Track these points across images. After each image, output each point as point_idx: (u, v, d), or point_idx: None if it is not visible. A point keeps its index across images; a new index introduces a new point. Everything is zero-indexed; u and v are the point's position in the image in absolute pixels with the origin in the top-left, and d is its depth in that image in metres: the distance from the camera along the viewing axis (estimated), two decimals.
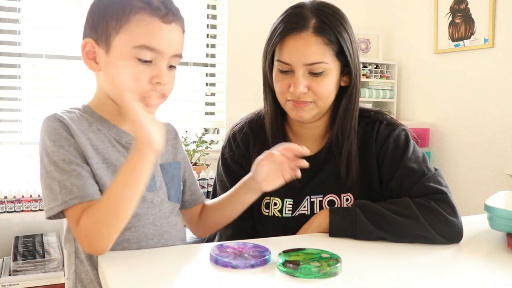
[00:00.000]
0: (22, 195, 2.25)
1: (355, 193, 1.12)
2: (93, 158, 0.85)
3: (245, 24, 2.90)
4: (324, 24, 1.03)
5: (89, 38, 0.87)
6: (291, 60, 1.04)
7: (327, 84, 1.05)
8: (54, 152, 0.82)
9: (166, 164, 0.99)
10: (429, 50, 2.96)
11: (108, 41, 0.84)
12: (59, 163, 0.81)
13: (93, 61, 0.87)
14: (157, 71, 0.85)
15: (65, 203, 0.80)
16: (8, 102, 2.49)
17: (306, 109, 1.07)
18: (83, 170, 0.82)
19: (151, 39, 0.83)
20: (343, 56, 1.06)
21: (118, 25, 0.83)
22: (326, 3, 1.08)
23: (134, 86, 0.84)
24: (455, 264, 0.89)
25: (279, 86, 1.08)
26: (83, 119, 0.89)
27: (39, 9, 2.51)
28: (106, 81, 0.88)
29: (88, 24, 0.88)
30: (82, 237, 0.78)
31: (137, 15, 0.83)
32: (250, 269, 0.78)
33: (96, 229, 0.77)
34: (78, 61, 2.58)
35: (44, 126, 0.85)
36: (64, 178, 0.81)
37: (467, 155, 2.74)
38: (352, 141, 1.11)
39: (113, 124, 0.91)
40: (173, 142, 1.04)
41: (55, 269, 2.21)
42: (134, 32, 0.83)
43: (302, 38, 1.03)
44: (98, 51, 0.86)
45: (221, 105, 2.98)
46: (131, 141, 0.92)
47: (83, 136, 0.85)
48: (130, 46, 0.83)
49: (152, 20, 0.83)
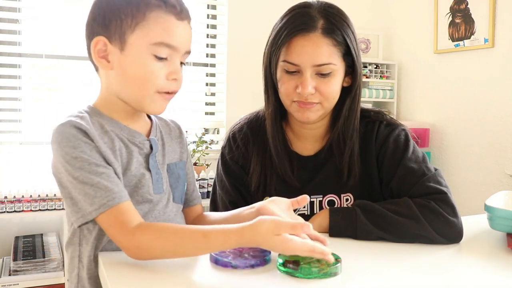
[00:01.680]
0: (22, 195, 2.24)
1: (355, 193, 1.12)
2: (114, 161, 0.84)
3: (245, 24, 2.90)
4: (332, 25, 1.02)
5: (101, 36, 0.84)
6: (299, 61, 1.02)
7: (334, 84, 1.05)
8: (77, 158, 0.79)
9: (172, 164, 0.98)
10: (429, 50, 2.96)
11: (123, 39, 0.83)
12: (85, 168, 0.79)
13: (105, 59, 0.85)
14: (173, 68, 0.85)
15: (104, 205, 0.78)
16: (8, 102, 2.49)
17: (313, 110, 1.06)
18: (111, 172, 0.81)
19: (169, 36, 0.83)
20: (349, 56, 1.06)
21: (134, 22, 0.82)
22: (330, 3, 1.07)
23: (153, 82, 0.84)
24: (455, 264, 0.89)
25: (285, 87, 1.06)
26: (95, 122, 0.86)
27: (39, 9, 2.51)
28: (118, 80, 0.86)
29: (97, 22, 0.85)
30: (134, 248, 0.78)
31: (153, 12, 0.83)
32: (250, 269, 0.78)
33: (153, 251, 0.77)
34: (78, 61, 2.59)
35: (59, 134, 0.81)
36: (96, 181, 0.79)
37: (467, 155, 2.74)
38: (355, 141, 1.11)
39: (124, 125, 0.90)
40: (179, 141, 1.03)
41: (55, 269, 2.21)
42: (151, 29, 0.82)
43: (311, 38, 1.01)
44: (111, 49, 0.84)
45: (221, 105, 2.98)
46: (144, 140, 0.91)
47: (101, 140, 0.83)
48: (147, 43, 0.83)
49: (168, 17, 0.83)
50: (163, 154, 0.96)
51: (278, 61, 1.06)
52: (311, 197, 1.13)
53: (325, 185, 1.13)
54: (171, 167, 0.97)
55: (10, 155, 2.43)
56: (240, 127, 1.20)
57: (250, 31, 2.83)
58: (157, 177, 0.92)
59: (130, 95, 0.87)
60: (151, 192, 0.90)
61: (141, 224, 0.79)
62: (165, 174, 0.95)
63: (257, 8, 2.90)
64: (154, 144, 0.93)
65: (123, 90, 0.87)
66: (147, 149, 0.92)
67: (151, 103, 0.87)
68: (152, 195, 0.90)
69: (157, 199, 0.91)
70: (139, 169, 0.89)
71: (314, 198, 1.13)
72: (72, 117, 0.84)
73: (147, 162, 0.91)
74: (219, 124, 2.99)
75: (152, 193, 0.90)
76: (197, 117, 2.96)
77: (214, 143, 2.77)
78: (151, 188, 0.90)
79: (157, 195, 0.91)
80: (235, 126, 1.21)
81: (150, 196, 0.89)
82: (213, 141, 2.75)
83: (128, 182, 0.87)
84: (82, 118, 0.84)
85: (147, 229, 0.78)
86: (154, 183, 0.91)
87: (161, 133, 0.98)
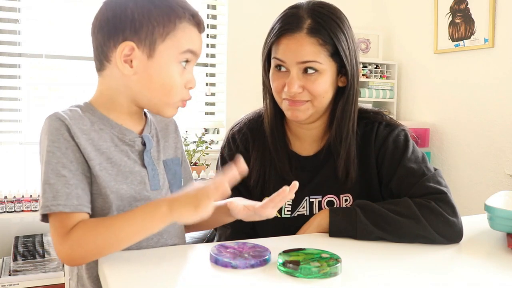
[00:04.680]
0: (22, 195, 2.24)
1: (354, 194, 1.12)
2: (95, 159, 0.84)
3: (245, 24, 2.90)
4: (319, 25, 1.03)
5: (130, 42, 0.84)
6: (285, 58, 1.05)
7: (321, 83, 1.05)
8: (49, 153, 0.82)
9: (169, 160, 0.98)
10: (429, 50, 2.96)
11: (153, 46, 0.85)
12: (53, 164, 0.81)
13: (128, 64, 0.86)
14: (190, 77, 0.91)
15: (47, 208, 0.80)
16: (8, 102, 2.49)
17: (302, 108, 1.07)
18: (73, 178, 0.81)
19: (193, 44, 0.89)
20: (339, 57, 1.06)
21: (165, 32, 0.85)
22: (323, 3, 1.08)
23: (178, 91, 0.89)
24: (455, 264, 0.89)
25: (275, 85, 1.09)
26: (85, 118, 0.87)
27: (39, 9, 2.51)
28: (142, 85, 0.87)
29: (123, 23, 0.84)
30: (67, 248, 0.78)
31: (182, 24, 0.87)
32: (250, 269, 0.78)
33: (87, 249, 0.78)
34: (78, 61, 2.58)
35: (45, 125, 0.84)
36: (52, 182, 0.80)
37: (467, 155, 2.74)
38: (350, 143, 1.11)
39: (116, 123, 0.90)
40: (174, 136, 1.03)
41: (55, 269, 2.21)
42: (180, 39, 0.87)
43: (296, 38, 1.03)
44: (138, 54, 0.85)
45: (221, 105, 2.98)
46: (135, 137, 0.92)
47: (85, 137, 0.84)
48: (176, 52, 0.87)
49: (193, 29, 0.89)
50: (158, 150, 0.96)
51: (270, 60, 1.09)
52: (310, 197, 1.13)
53: (324, 186, 1.13)
54: (168, 163, 0.97)
55: (10, 155, 2.43)
56: (240, 127, 1.20)
57: (250, 31, 2.83)
58: (153, 173, 0.92)
59: (152, 100, 0.89)
60: (148, 188, 0.90)
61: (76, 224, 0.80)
62: (162, 170, 0.95)
63: (257, 8, 2.90)
64: (147, 141, 0.93)
65: (144, 96, 0.89)
66: (139, 146, 0.92)
67: (171, 109, 0.91)
68: (148, 191, 0.90)
69: (154, 195, 0.91)
70: (134, 166, 0.89)
71: (313, 198, 1.13)
72: (61, 110, 0.86)
73: (141, 159, 0.91)
74: (219, 124, 2.99)
75: (148, 189, 0.90)
76: (197, 117, 2.96)
77: (214, 143, 2.77)
78: (147, 185, 0.90)
79: (154, 191, 0.91)
80: (235, 126, 1.21)
81: (147, 193, 0.90)
82: (213, 141, 2.75)
83: (124, 180, 0.87)
84: (71, 112, 0.86)
85: (79, 226, 0.79)
86: (150, 179, 0.91)
87: (156, 130, 0.99)
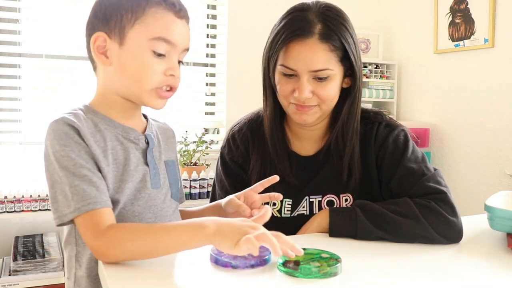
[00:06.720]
0: (22, 195, 2.25)
1: (354, 194, 1.12)
2: (103, 161, 0.84)
3: (245, 24, 2.90)
4: (330, 30, 1.01)
5: (101, 32, 0.85)
6: (296, 66, 1.02)
7: (331, 88, 1.05)
8: (64, 157, 0.80)
9: (170, 161, 0.99)
10: (429, 50, 2.96)
11: (122, 33, 0.84)
12: (70, 168, 0.79)
13: (104, 55, 0.86)
14: (171, 64, 0.87)
15: (78, 210, 0.78)
16: (8, 102, 2.48)
17: (310, 113, 1.06)
18: (94, 176, 0.81)
19: (167, 31, 0.85)
20: (348, 60, 1.05)
21: (134, 17, 0.84)
22: (329, 5, 1.06)
23: (150, 77, 0.85)
24: (455, 264, 0.89)
25: (282, 89, 1.06)
26: (88, 120, 0.87)
27: (39, 9, 2.51)
28: (117, 75, 0.87)
29: (98, 17, 0.86)
30: (102, 245, 0.77)
31: (152, 8, 0.84)
32: (250, 269, 0.78)
33: (123, 250, 0.76)
34: (78, 61, 2.58)
35: (52, 131, 0.82)
36: (76, 184, 0.79)
37: (467, 155, 2.74)
38: (354, 143, 1.11)
39: (118, 122, 0.90)
40: (172, 141, 1.04)
41: (55, 269, 2.21)
42: (150, 24, 0.84)
43: (308, 44, 1.01)
44: (110, 44, 0.85)
45: (221, 105, 2.98)
46: (139, 136, 0.92)
47: (92, 139, 0.84)
48: (146, 38, 0.84)
49: (167, 13, 0.85)
50: (160, 151, 0.97)
51: (276, 65, 1.06)
52: (310, 197, 1.13)
53: (324, 186, 1.13)
54: (168, 164, 0.98)
55: (10, 155, 2.43)
56: (239, 127, 1.20)
57: (250, 31, 2.83)
58: (154, 171, 0.92)
59: (128, 90, 0.88)
60: (149, 186, 0.91)
61: (113, 223, 0.79)
62: (163, 169, 0.96)
63: (257, 8, 2.90)
64: (150, 139, 0.94)
65: (122, 86, 0.88)
66: (143, 144, 0.93)
67: (153, 99, 0.88)
68: (149, 189, 0.90)
69: (155, 194, 0.92)
70: (138, 164, 0.90)
71: (313, 198, 1.13)
72: (66, 114, 0.84)
73: (144, 157, 0.92)
74: (219, 124, 2.99)
75: (149, 187, 0.91)
76: (197, 117, 2.96)
77: (214, 143, 2.77)
78: (149, 183, 0.91)
79: (154, 189, 0.92)
80: (234, 126, 1.21)
81: (147, 190, 0.90)
82: (213, 141, 2.76)
83: (130, 178, 0.87)
84: (75, 115, 0.85)
85: (119, 227, 0.78)
86: (152, 177, 0.91)
87: (156, 132, 0.99)
